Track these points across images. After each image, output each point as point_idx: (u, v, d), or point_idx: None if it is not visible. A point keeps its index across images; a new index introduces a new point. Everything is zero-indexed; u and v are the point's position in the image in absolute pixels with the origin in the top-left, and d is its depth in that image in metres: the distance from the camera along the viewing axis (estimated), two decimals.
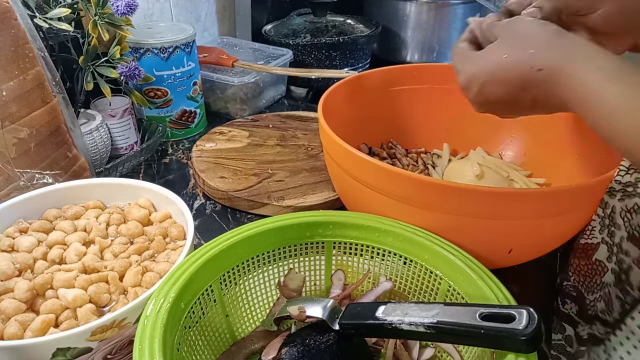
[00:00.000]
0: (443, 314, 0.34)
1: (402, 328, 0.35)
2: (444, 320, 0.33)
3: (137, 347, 0.32)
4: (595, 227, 0.45)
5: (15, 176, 0.53)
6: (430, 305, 0.35)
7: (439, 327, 0.33)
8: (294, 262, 0.47)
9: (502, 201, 0.42)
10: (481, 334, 0.31)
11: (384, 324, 0.36)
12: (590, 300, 0.46)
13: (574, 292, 0.48)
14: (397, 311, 0.36)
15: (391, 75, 0.67)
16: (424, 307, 0.35)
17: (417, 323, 0.34)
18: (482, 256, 0.41)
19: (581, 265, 0.46)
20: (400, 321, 0.35)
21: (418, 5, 1.04)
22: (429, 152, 0.71)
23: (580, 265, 0.46)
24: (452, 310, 0.34)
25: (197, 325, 0.40)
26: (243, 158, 0.74)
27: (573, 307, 0.48)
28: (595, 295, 0.45)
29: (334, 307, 0.40)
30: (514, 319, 0.31)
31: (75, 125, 0.62)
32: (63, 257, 0.45)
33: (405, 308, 0.36)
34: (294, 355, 0.38)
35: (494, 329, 0.31)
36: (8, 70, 0.52)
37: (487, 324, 0.31)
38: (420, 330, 0.34)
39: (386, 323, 0.35)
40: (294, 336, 0.41)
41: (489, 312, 0.32)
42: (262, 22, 1.09)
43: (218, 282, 0.42)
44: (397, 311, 0.36)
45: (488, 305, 0.33)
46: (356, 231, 0.45)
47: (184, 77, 0.79)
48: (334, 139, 0.49)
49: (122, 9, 0.64)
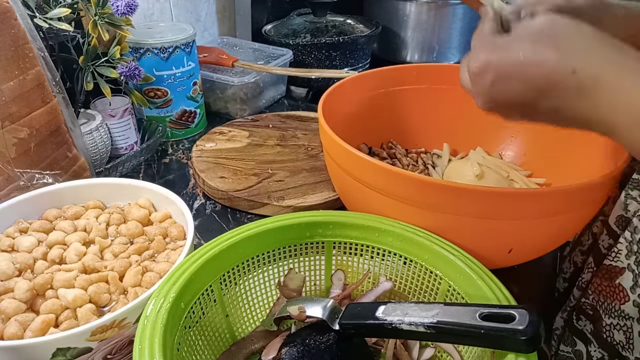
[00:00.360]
0: (443, 314, 0.34)
1: (402, 328, 0.35)
2: (444, 320, 0.33)
3: (137, 347, 0.32)
4: (621, 250, 0.43)
5: (15, 176, 0.53)
6: (430, 305, 0.35)
7: (439, 327, 0.33)
8: (294, 262, 0.47)
9: (502, 201, 0.42)
10: (481, 334, 0.31)
11: (384, 324, 0.36)
12: (607, 323, 0.45)
13: (590, 310, 0.47)
14: (397, 311, 0.36)
15: (391, 75, 0.67)
16: (424, 307, 0.35)
17: (417, 323, 0.34)
18: (482, 256, 0.41)
19: (602, 286, 0.45)
20: (400, 321, 0.35)
21: (418, 5, 1.04)
22: (429, 152, 0.71)
23: (602, 286, 0.45)
24: (452, 310, 0.34)
25: (197, 325, 0.40)
26: (243, 158, 0.74)
27: (587, 324, 0.47)
28: (612, 321, 0.44)
29: (334, 307, 0.40)
30: (514, 319, 0.31)
31: (75, 125, 0.62)
32: (63, 257, 0.45)
33: (405, 308, 0.36)
34: (294, 355, 0.38)
35: (494, 329, 0.31)
36: (8, 70, 0.52)
37: (487, 324, 0.31)
38: (420, 330, 0.34)
39: (386, 323, 0.35)
40: (294, 336, 0.41)
41: (489, 312, 0.32)
42: (262, 22, 1.09)
43: (218, 282, 0.42)
44: (397, 311, 0.36)
45: (488, 305, 0.33)
46: (356, 231, 0.46)
47: (184, 77, 0.79)
48: (334, 139, 0.49)
49: (122, 9, 0.64)
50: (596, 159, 0.53)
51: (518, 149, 0.67)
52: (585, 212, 0.47)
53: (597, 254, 0.48)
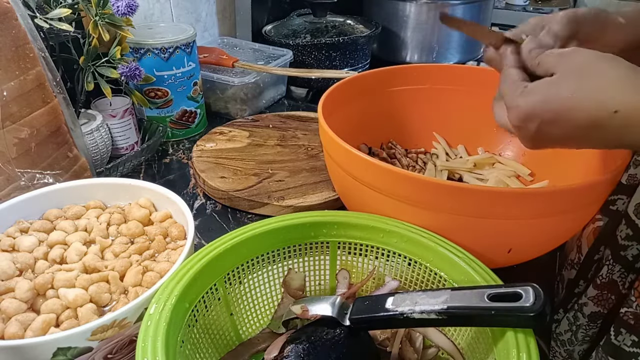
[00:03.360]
0: (452, 299, 0.34)
1: (414, 317, 0.35)
2: (455, 306, 0.34)
3: (140, 345, 0.33)
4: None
5: (16, 176, 0.53)
6: (438, 292, 0.36)
7: (450, 312, 0.34)
8: (299, 262, 0.47)
9: (502, 201, 0.42)
10: (492, 315, 0.32)
11: (396, 315, 0.36)
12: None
13: (632, 319, 0.44)
14: (407, 301, 0.36)
15: (391, 75, 0.67)
16: (432, 295, 0.35)
17: (428, 311, 0.34)
18: (482, 255, 0.41)
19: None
20: (412, 310, 0.35)
21: (418, 5, 1.05)
22: (429, 152, 0.71)
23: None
24: (461, 294, 0.34)
25: (201, 324, 0.40)
26: (243, 158, 0.74)
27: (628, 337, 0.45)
28: None
29: (342, 304, 0.40)
30: (520, 297, 0.32)
31: (75, 125, 0.62)
32: (64, 256, 0.45)
33: (414, 297, 0.36)
34: (299, 352, 0.37)
35: (505, 309, 0.32)
36: (9, 71, 0.52)
37: (497, 304, 0.32)
38: (432, 317, 0.34)
39: (397, 314, 0.36)
40: (299, 333, 0.41)
41: (496, 292, 0.33)
42: (262, 22, 1.09)
43: (223, 280, 0.42)
44: (407, 301, 0.36)
45: (494, 286, 0.34)
46: (361, 231, 0.46)
47: (185, 78, 0.80)
48: (334, 139, 0.49)
49: (123, 10, 0.64)
50: (596, 159, 0.53)
51: (518, 149, 0.67)
52: (585, 212, 0.47)
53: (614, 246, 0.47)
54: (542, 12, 1.63)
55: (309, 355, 0.37)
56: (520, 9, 1.65)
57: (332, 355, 0.37)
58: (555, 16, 0.40)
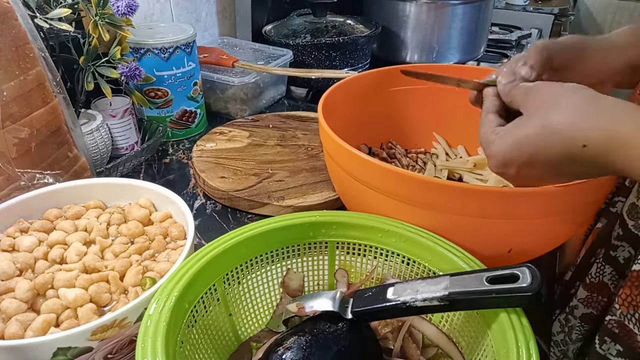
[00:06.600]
0: (453, 285, 0.35)
1: (417, 305, 0.35)
2: (456, 291, 0.34)
3: (139, 345, 0.33)
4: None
5: (16, 176, 0.53)
6: (438, 279, 0.36)
7: (451, 298, 0.34)
8: (297, 262, 0.47)
9: (502, 201, 0.42)
10: (492, 297, 0.33)
11: (398, 305, 0.36)
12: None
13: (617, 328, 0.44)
14: (408, 290, 0.36)
15: (391, 75, 0.67)
16: (432, 282, 0.36)
17: (430, 298, 0.35)
18: (481, 255, 0.41)
19: (633, 295, 0.43)
20: (414, 299, 0.35)
21: (418, 5, 1.05)
22: (429, 152, 0.71)
23: (632, 296, 0.43)
24: (460, 279, 0.35)
25: (200, 324, 0.40)
26: (243, 158, 0.74)
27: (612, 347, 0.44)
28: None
29: (342, 298, 0.40)
30: (518, 278, 0.33)
31: (75, 125, 0.62)
32: (64, 256, 0.45)
33: (414, 286, 0.36)
34: (302, 344, 0.37)
35: (504, 290, 0.33)
36: (9, 71, 0.52)
37: (496, 286, 0.33)
38: (434, 304, 0.35)
39: (400, 303, 0.36)
40: (301, 326, 0.41)
41: (494, 275, 0.34)
42: (262, 22, 1.09)
43: (221, 280, 0.42)
44: (408, 290, 0.36)
45: (491, 269, 0.35)
46: (359, 231, 0.46)
47: (185, 78, 0.80)
48: (334, 139, 0.49)
49: (123, 10, 0.64)
50: None
51: None
52: (585, 212, 0.47)
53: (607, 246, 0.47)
54: (542, 12, 1.63)
55: (311, 347, 0.37)
56: (520, 9, 1.65)
57: (334, 348, 0.37)
58: (531, 47, 0.40)
